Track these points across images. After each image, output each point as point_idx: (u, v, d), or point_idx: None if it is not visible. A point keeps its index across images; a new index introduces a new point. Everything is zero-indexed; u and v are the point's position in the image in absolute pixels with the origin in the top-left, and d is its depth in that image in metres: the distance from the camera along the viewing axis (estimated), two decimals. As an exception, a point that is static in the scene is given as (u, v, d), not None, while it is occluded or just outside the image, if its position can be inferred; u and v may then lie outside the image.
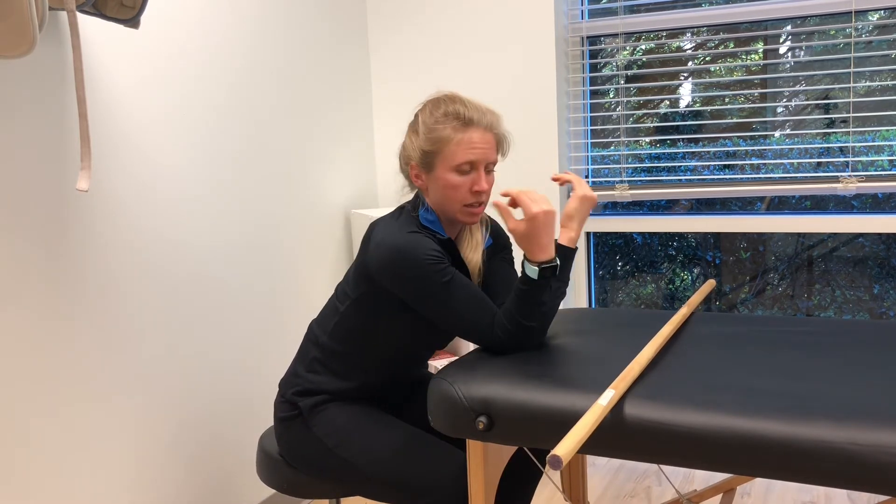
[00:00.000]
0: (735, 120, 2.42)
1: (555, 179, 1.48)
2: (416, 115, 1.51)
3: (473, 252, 1.54)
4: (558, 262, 1.37)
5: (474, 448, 1.31)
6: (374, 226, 1.50)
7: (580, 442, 0.99)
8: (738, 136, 2.46)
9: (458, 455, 1.47)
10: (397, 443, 1.47)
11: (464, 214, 1.47)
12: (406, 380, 1.62)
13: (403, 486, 1.45)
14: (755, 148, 2.44)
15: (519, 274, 1.47)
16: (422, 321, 1.49)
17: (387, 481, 1.45)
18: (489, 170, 1.47)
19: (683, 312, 1.59)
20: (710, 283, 1.79)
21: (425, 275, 1.37)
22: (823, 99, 2.38)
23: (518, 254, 2.51)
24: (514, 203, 1.42)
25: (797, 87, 2.41)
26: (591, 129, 2.64)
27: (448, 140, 1.43)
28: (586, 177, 2.64)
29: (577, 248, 1.49)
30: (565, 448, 0.97)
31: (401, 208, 1.53)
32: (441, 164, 1.44)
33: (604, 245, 2.81)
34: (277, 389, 1.63)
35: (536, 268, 1.35)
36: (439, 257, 1.39)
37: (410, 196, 1.60)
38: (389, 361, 1.54)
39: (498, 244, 1.62)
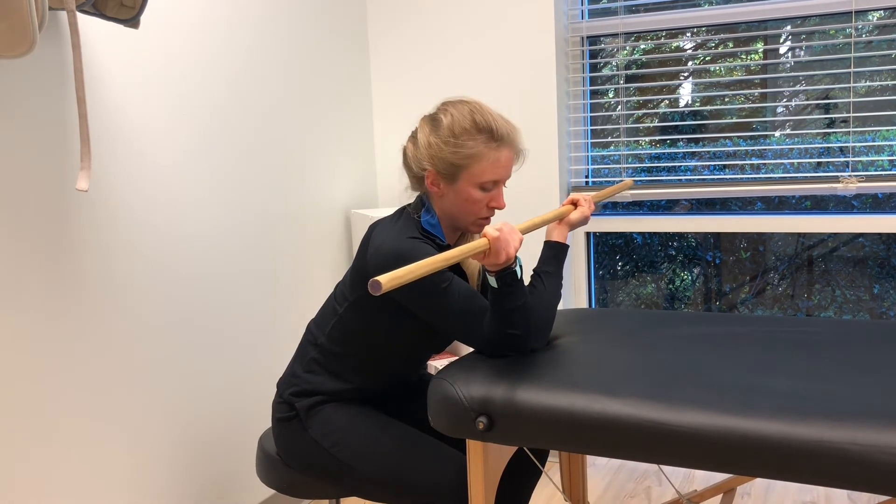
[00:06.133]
0: (735, 120, 2.42)
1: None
2: (439, 117, 1.45)
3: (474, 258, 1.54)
4: (517, 268, 1.32)
5: (474, 448, 1.31)
6: (374, 228, 1.49)
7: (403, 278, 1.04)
8: (738, 136, 2.46)
9: (457, 455, 1.47)
10: (394, 443, 1.47)
11: (475, 226, 1.49)
12: (404, 381, 1.61)
13: (401, 487, 1.44)
14: (755, 148, 2.44)
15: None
16: (420, 324, 1.49)
17: (384, 482, 1.45)
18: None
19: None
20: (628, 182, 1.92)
21: (424, 280, 1.36)
22: (823, 99, 2.38)
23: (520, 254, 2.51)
24: None
25: (797, 87, 2.40)
26: (591, 129, 2.64)
27: (480, 157, 1.41)
28: (586, 177, 2.64)
29: (567, 245, 1.52)
30: (388, 277, 1.01)
31: (401, 210, 1.52)
32: (466, 178, 1.43)
33: (604, 245, 2.81)
34: (276, 390, 1.63)
35: (495, 278, 1.31)
36: None
37: (412, 197, 1.59)
38: (387, 363, 1.54)
39: None
